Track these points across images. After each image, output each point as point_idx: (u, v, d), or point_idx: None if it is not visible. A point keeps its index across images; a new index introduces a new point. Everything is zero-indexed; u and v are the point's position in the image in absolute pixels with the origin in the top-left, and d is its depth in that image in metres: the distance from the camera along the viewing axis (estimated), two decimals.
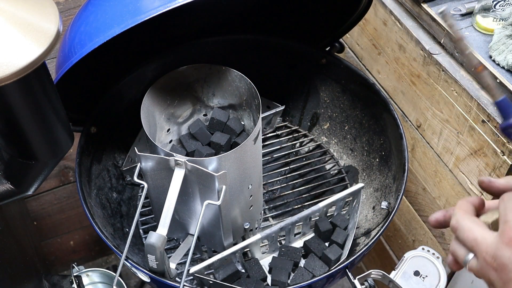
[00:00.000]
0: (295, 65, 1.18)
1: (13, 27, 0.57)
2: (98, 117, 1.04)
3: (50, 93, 0.68)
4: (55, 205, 1.53)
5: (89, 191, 0.99)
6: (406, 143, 0.98)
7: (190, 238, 0.98)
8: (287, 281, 0.94)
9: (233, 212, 0.93)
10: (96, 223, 0.91)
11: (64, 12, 1.17)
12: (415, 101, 1.11)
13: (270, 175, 1.17)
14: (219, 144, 0.99)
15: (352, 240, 0.96)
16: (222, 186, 0.83)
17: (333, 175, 1.17)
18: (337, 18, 1.10)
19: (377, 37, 1.18)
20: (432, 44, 1.03)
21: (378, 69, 1.22)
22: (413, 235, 1.29)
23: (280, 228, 0.95)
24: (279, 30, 1.17)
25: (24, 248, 1.12)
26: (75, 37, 0.83)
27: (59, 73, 0.83)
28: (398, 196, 0.94)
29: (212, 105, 1.05)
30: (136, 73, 1.07)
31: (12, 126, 0.67)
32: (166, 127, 1.01)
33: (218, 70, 0.97)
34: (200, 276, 0.86)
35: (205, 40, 1.12)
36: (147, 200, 1.07)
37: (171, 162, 0.83)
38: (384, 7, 1.12)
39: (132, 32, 0.76)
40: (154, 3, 0.75)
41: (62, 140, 0.74)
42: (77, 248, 1.69)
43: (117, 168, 1.11)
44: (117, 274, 0.84)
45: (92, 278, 1.39)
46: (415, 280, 0.87)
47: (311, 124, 1.22)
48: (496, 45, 0.93)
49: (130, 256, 0.90)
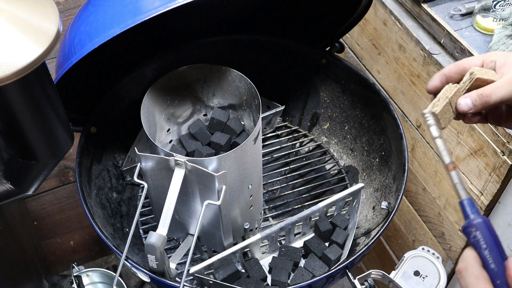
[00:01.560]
0: (295, 65, 1.18)
1: (13, 27, 0.57)
2: (98, 117, 1.04)
3: (50, 93, 0.68)
4: (55, 205, 1.53)
5: (89, 191, 0.99)
6: (406, 143, 0.99)
7: (190, 238, 0.98)
8: (287, 281, 0.94)
9: (233, 212, 0.93)
10: (96, 223, 0.91)
11: (64, 12, 1.17)
12: (415, 101, 1.11)
13: (270, 175, 1.17)
14: (219, 144, 0.99)
15: (352, 240, 0.96)
16: (222, 186, 0.83)
17: (333, 175, 1.17)
18: (337, 18, 1.10)
19: (377, 37, 1.18)
20: (432, 44, 1.03)
21: (378, 69, 1.22)
22: (413, 235, 1.29)
23: (280, 228, 0.95)
24: (279, 30, 1.17)
25: (24, 248, 1.12)
26: (75, 37, 0.83)
27: (59, 73, 0.83)
28: (398, 196, 0.94)
29: (212, 105, 1.05)
30: (136, 73, 1.07)
31: (12, 126, 0.67)
32: (166, 127, 1.02)
33: (218, 70, 0.97)
34: (200, 276, 0.86)
35: (205, 40, 1.12)
36: (147, 200, 1.07)
37: (171, 162, 0.83)
38: (384, 7, 1.12)
39: (132, 32, 0.76)
40: (154, 3, 0.75)
41: (62, 140, 0.74)
42: (77, 248, 1.69)
43: (117, 168, 1.11)
44: (117, 274, 0.84)
45: (92, 278, 1.39)
46: (415, 280, 0.87)
47: (311, 124, 1.22)
48: (496, 45, 0.93)
49: (130, 256, 0.90)
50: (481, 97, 0.60)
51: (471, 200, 0.56)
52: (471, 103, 0.60)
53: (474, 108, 0.60)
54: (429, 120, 0.60)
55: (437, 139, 0.60)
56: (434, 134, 0.60)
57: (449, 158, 0.58)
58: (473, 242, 0.54)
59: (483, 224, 0.54)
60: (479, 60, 0.64)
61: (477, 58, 0.64)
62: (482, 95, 0.60)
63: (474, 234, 0.54)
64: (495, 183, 0.95)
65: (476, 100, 0.60)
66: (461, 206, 0.56)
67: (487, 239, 0.53)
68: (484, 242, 0.53)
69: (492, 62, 0.63)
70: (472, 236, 0.54)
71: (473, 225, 0.54)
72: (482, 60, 0.64)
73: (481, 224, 0.54)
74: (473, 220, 0.54)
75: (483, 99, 0.59)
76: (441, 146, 0.59)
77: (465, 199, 0.56)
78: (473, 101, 0.60)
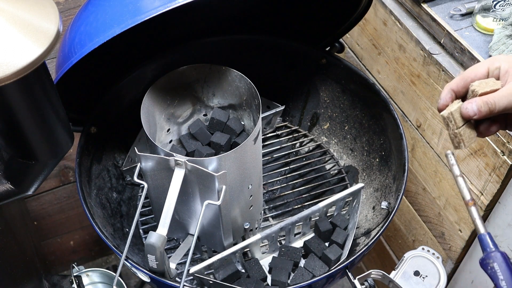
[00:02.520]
0: (295, 65, 1.18)
1: (13, 27, 0.57)
2: (98, 117, 1.04)
3: (50, 93, 0.68)
4: (55, 205, 1.53)
5: (89, 191, 0.99)
6: (406, 143, 0.99)
7: (190, 238, 0.98)
8: (287, 281, 0.94)
9: (233, 212, 0.93)
10: (96, 223, 0.91)
11: (64, 12, 1.17)
12: (415, 101, 1.11)
13: (270, 175, 1.17)
14: (219, 144, 0.99)
15: (352, 240, 0.96)
16: (222, 186, 0.83)
17: (333, 175, 1.17)
18: (337, 18, 1.10)
19: (377, 37, 1.18)
20: (432, 44, 1.03)
21: (378, 69, 1.22)
22: (413, 235, 1.29)
23: (280, 228, 0.95)
24: (279, 30, 1.17)
25: (24, 248, 1.12)
26: (75, 37, 0.83)
27: (59, 73, 0.83)
28: (398, 196, 0.94)
29: (212, 105, 1.05)
30: (136, 73, 1.07)
31: (12, 126, 0.67)
32: (166, 127, 1.02)
33: (218, 70, 0.97)
34: (200, 276, 0.86)
35: (205, 40, 1.12)
36: (147, 200, 1.07)
37: (171, 162, 0.83)
38: (384, 7, 1.12)
39: (132, 32, 0.76)
40: (154, 3, 0.75)
41: (62, 140, 0.74)
42: (77, 248, 1.69)
43: (117, 168, 1.11)
44: (117, 274, 0.84)
45: (92, 278, 1.39)
46: (415, 280, 0.87)
47: (311, 124, 1.22)
48: (496, 45, 0.93)
49: (130, 256, 0.90)
50: (486, 104, 0.61)
51: (490, 235, 0.60)
52: (477, 109, 0.61)
53: (479, 114, 0.61)
54: (451, 160, 0.65)
55: (459, 177, 0.64)
56: (456, 173, 0.64)
57: (469, 195, 0.63)
58: (490, 274, 0.57)
59: (501, 256, 0.58)
60: (484, 69, 0.64)
61: (482, 67, 0.64)
62: (487, 103, 0.61)
63: (491, 265, 0.58)
64: (495, 183, 0.95)
65: (482, 106, 0.61)
66: (480, 240, 0.60)
67: (504, 271, 0.57)
68: (501, 274, 0.57)
69: (497, 69, 0.64)
70: (489, 267, 0.58)
71: (491, 257, 0.58)
72: (487, 68, 0.64)
73: (498, 257, 0.58)
74: (491, 252, 0.58)
75: (487, 107, 0.61)
76: (462, 184, 0.63)
77: (484, 233, 0.60)
78: (479, 107, 0.61)
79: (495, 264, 0.57)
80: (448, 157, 0.65)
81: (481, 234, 0.60)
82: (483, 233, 0.60)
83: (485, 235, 0.59)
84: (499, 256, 0.57)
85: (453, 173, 0.64)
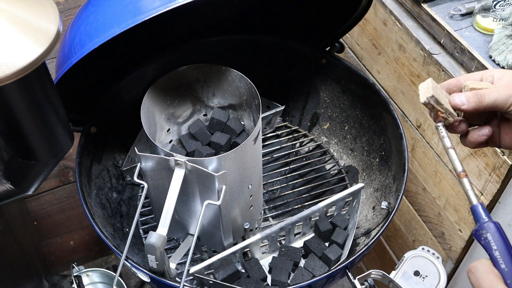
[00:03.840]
0: (295, 65, 1.18)
1: (13, 27, 0.57)
2: (98, 117, 1.04)
3: (50, 93, 0.68)
4: (55, 205, 1.53)
5: (89, 191, 0.99)
6: (406, 143, 0.99)
7: (190, 238, 0.98)
8: (287, 281, 0.94)
9: (233, 212, 0.93)
10: (96, 223, 0.91)
11: (64, 12, 1.17)
12: (415, 101, 1.12)
13: (270, 175, 1.17)
14: (219, 144, 0.99)
15: (352, 240, 0.96)
16: (222, 186, 0.83)
17: (333, 175, 1.17)
18: (337, 18, 1.10)
19: (377, 37, 1.18)
20: (432, 44, 1.03)
21: (378, 69, 1.22)
22: (413, 235, 1.29)
23: (280, 228, 0.95)
24: (279, 30, 1.17)
25: (24, 248, 1.12)
26: (75, 37, 0.83)
27: (59, 73, 0.83)
28: (398, 196, 0.94)
29: (212, 105, 1.05)
30: (136, 73, 1.07)
31: (12, 126, 0.67)
32: (166, 127, 1.02)
33: (218, 70, 0.97)
34: (200, 276, 0.86)
35: (205, 40, 1.12)
36: (147, 200, 1.07)
37: (171, 162, 0.83)
38: (384, 7, 1.12)
39: (132, 32, 0.76)
40: (154, 3, 0.75)
41: (62, 140, 0.74)
42: (77, 248, 1.69)
43: (117, 168, 1.11)
44: (117, 274, 0.84)
45: (92, 278, 1.39)
46: (415, 280, 0.87)
47: (311, 124, 1.22)
48: (496, 45, 0.93)
49: (130, 256, 0.90)
50: (475, 95, 0.62)
51: (482, 205, 0.59)
52: (465, 99, 0.62)
53: (467, 104, 0.62)
54: (442, 132, 0.64)
55: (450, 149, 0.64)
56: (447, 145, 0.64)
57: (461, 166, 0.62)
58: (484, 244, 0.56)
59: (494, 226, 0.57)
60: (478, 75, 0.67)
61: (476, 74, 0.67)
62: (476, 94, 0.62)
63: (485, 236, 0.57)
64: (495, 183, 0.95)
65: (470, 97, 0.62)
66: (473, 211, 0.59)
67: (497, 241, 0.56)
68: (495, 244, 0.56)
69: (490, 76, 0.66)
70: (483, 238, 0.57)
71: (484, 228, 0.57)
72: (481, 75, 0.66)
73: (491, 227, 0.57)
74: (484, 223, 0.57)
75: (476, 97, 0.62)
76: (453, 155, 0.63)
77: (477, 204, 0.59)
78: (467, 98, 0.62)
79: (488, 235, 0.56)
80: (438, 129, 0.65)
81: (473, 205, 0.59)
82: (476, 204, 0.59)
83: (478, 206, 0.59)
84: (492, 226, 0.57)
85: (444, 145, 0.64)
